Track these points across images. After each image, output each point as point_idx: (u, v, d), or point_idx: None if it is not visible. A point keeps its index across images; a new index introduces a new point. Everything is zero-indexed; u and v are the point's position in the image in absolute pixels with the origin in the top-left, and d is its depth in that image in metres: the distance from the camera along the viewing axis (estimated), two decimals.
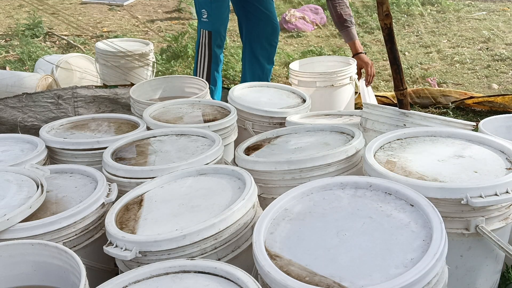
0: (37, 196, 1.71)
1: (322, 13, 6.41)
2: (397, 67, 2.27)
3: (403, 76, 2.28)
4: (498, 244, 1.55)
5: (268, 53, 3.48)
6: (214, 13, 3.02)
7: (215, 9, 3.03)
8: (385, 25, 2.21)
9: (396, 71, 2.27)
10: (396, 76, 2.28)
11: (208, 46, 3.08)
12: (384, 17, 2.19)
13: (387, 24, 2.21)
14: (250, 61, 3.51)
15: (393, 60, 2.26)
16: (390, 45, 2.25)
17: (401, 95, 2.31)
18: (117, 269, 1.67)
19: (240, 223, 1.56)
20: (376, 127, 2.14)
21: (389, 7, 2.21)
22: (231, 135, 2.46)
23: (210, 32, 3.06)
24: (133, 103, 2.75)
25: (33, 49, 5.28)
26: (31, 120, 2.89)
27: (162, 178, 1.85)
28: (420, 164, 1.71)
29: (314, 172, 1.87)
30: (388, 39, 2.24)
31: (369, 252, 1.30)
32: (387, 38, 2.24)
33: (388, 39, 2.24)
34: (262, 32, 3.36)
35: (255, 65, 3.51)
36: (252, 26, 3.37)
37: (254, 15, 3.33)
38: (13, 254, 1.50)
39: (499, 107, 3.48)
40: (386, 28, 2.22)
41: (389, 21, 2.20)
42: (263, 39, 3.39)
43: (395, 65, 2.27)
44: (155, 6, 7.32)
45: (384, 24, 2.21)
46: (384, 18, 2.19)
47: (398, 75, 2.27)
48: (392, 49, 2.25)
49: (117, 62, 3.86)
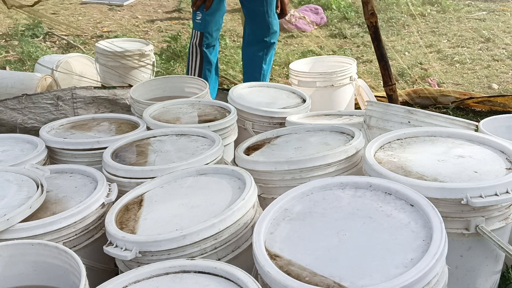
0: (37, 196, 1.71)
1: (322, 13, 6.41)
2: (385, 63, 2.29)
3: (391, 72, 2.30)
4: (498, 244, 1.55)
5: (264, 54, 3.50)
6: (208, 16, 3.13)
7: (209, 12, 3.13)
8: (371, 23, 2.24)
9: (384, 67, 2.30)
10: (385, 72, 2.31)
11: (199, 47, 3.17)
12: (369, 15, 2.21)
13: (373, 23, 2.24)
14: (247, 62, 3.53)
15: (381, 57, 2.28)
16: (377, 42, 2.27)
17: (390, 90, 2.33)
18: (117, 269, 1.67)
19: (240, 223, 1.56)
20: (380, 125, 2.14)
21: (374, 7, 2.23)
22: (231, 135, 2.46)
23: (202, 33, 3.16)
24: (133, 103, 2.75)
25: (33, 49, 5.27)
26: (31, 122, 2.89)
27: (162, 178, 1.85)
28: (420, 164, 1.72)
29: (314, 172, 1.87)
30: (374, 37, 2.27)
31: (369, 252, 1.30)
32: (374, 36, 2.27)
33: (374, 37, 2.27)
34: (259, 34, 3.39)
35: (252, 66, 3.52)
36: (251, 27, 3.39)
37: (251, 16, 3.35)
38: (13, 254, 1.50)
39: (499, 106, 3.48)
40: (372, 27, 2.25)
41: (375, 20, 2.23)
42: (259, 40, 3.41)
43: (383, 62, 2.29)
44: (155, 6, 7.32)
45: (370, 22, 2.24)
46: (370, 17, 2.22)
47: (387, 71, 2.30)
48: (379, 47, 2.27)
49: (117, 62, 3.86)
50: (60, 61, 3.86)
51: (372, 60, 5.04)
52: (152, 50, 4.02)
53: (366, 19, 2.23)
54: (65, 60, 3.89)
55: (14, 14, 6.91)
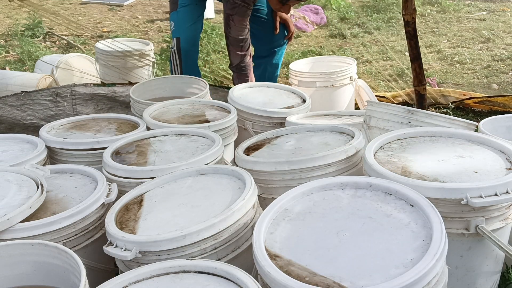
0: (37, 196, 1.71)
1: (322, 13, 6.41)
2: (420, 62, 2.24)
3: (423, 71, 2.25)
4: (498, 244, 1.55)
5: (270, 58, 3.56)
6: (180, 23, 3.30)
7: (179, 20, 3.31)
8: (412, 19, 2.19)
9: (419, 66, 2.25)
10: (420, 71, 2.26)
11: (178, 52, 3.31)
12: (412, 11, 2.16)
13: (414, 18, 2.18)
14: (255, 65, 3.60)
15: (417, 55, 2.23)
16: (415, 40, 2.22)
17: (423, 90, 2.28)
18: (117, 269, 1.67)
19: (240, 223, 1.56)
20: (380, 125, 2.14)
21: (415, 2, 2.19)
22: (231, 135, 2.45)
23: (179, 38, 3.30)
24: (133, 103, 2.75)
25: (33, 49, 5.27)
26: (30, 118, 2.89)
27: (162, 178, 1.85)
28: (420, 164, 1.72)
29: (314, 172, 1.87)
30: (413, 34, 2.21)
31: (369, 252, 1.30)
32: (412, 33, 2.21)
33: (413, 34, 2.21)
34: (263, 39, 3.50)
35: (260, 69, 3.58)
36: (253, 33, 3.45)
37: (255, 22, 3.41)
38: (13, 254, 1.50)
39: (499, 106, 3.48)
40: (413, 23, 2.19)
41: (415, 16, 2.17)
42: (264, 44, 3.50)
43: (419, 60, 2.24)
44: (155, 6, 7.32)
45: (411, 18, 2.19)
46: (412, 12, 2.17)
47: (421, 69, 2.25)
48: (416, 44, 2.22)
49: (117, 62, 3.86)
50: (60, 61, 3.86)
51: (372, 60, 5.04)
52: (152, 50, 4.02)
53: (407, 15, 2.17)
54: (65, 60, 3.89)
55: (14, 14, 6.91)
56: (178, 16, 3.31)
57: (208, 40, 5.42)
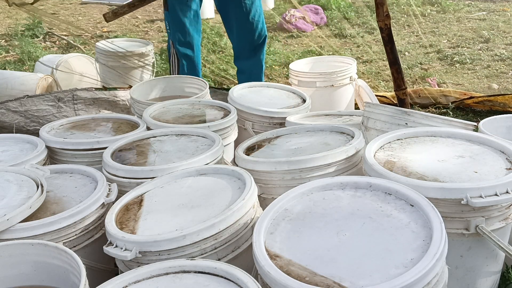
0: (37, 196, 1.71)
1: (322, 13, 6.42)
2: (398, 67, 2.28)
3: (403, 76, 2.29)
4: (498, 244, 1.55)
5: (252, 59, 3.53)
6: (173, 24, 3.33)
7: (172, 21, 3.33)
8: (385, 25, 2.22)
9: (397, 71, 2.28)
10: (398, 76, 2.29)
11: (174, 52, 3.35)
12: (384, 17, 2.19)
13: (387, 25, 2.22)
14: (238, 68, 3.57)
15: (394, 60, 2.27)
16: (391, 45, 2.26)
17: (403, 95, 2.32)
18: (117, 269, 1.67)
19: (240, 223, 1.56)
20: (377, 126, 2.14)
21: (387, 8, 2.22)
22: (231, 135, 2.45)
23: (173, 42, 3.34)
24: (133, 103, 2.75)
25: (33, 49, 5.27)
26: (33, 124, 2.89)
27: (162, 178, 1.85)
28: (420, 164, 1.71)
29: (314, 172, 1.87)
30: (388, 39, 2.25)
31: (369, 252, 1.30)
32: (387, 39, 2.24)
33: (388, 39, 2.25)
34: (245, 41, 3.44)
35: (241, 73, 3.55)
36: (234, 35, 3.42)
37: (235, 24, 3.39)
38: (13, 254, 1.50)
39: (499, 106, 3.48)
40: (386, 29, 2.23)
41: (389, 22, 2.21)
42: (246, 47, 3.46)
43: (396, 65, 2.27)
44: (155, 6, 7.31)
45: (384, 24, 2.22)
46: (384, 19, 2.20)
47: (400, 74, 2.28)
48: (392, 49, 2.26)
49: (117, 62, 3.86)
50: (60, 61, 3.86)
51: (372, 60, 5.04)
52: (152, 50, 4.02)
53: (380, 21, 2.20)
54: (65, 60, 3.90)
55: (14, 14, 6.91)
56: (170, 16, 3.31)
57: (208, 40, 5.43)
